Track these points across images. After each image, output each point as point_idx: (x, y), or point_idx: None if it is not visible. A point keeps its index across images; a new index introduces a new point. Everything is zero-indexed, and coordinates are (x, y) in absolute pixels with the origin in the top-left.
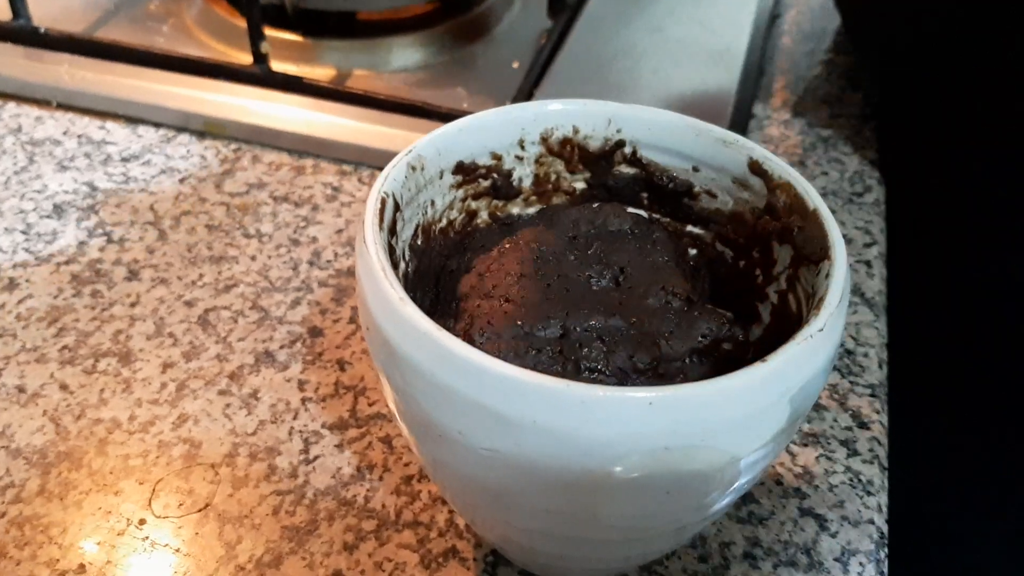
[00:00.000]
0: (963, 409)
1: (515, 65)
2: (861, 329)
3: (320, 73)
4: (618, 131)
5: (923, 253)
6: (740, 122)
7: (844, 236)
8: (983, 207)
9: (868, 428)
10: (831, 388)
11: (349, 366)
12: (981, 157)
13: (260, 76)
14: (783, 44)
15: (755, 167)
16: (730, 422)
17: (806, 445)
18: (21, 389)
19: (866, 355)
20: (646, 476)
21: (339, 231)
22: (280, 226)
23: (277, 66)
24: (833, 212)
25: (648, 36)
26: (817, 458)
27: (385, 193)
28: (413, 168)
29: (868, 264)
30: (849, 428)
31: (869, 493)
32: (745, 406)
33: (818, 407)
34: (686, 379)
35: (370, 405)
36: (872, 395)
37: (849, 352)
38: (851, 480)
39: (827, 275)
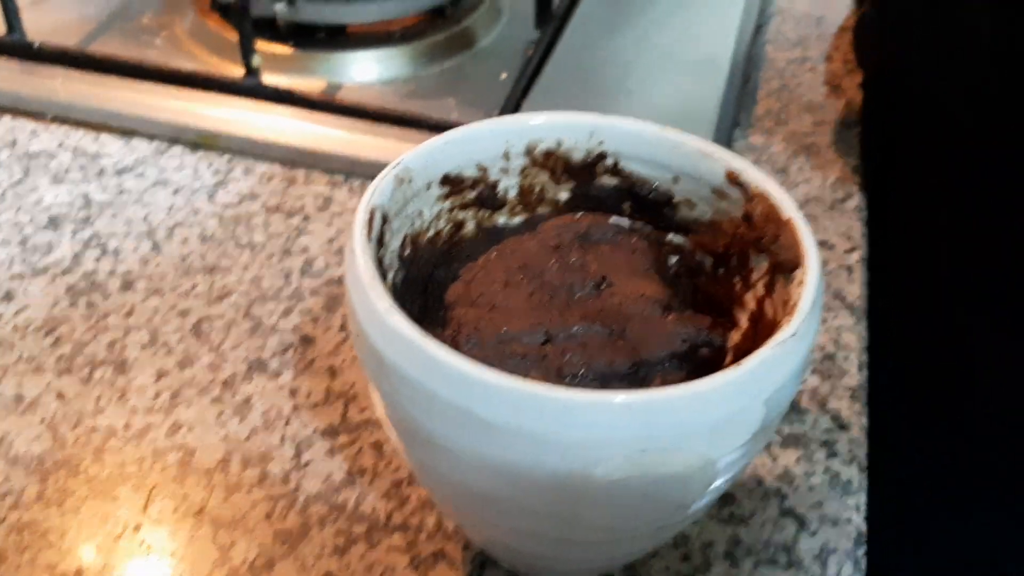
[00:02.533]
0: (941, 411)
1: (503, 76)
2: (842, 333)
3: (311, 85)
4: (600, 143)
5: (903, 258)
6: (724, 129)
7: (826, 241)
8: (964, 212)
9: (848, 430)
10: (812, 391)
11: (340, 373)
12: (963, 163)
13: (252, 89)
14: (767, 52)
15: (733, 178)
16: (705, 425)
17: (787, 447)
18: (19, 398)
19: (846, 358)
20: (625, 478)
21: (330, 240)
22: (272, 236)
23: (269, 78)
24: (815, 218)
25: (634, 46)
26: (798, 459)
27: (373, 206)
28: (401, 181)
29: (849, 269)
30: (829, 430)
31: (848, 493)
32: (720, 409)
33: (799, 410)
34: (665, 383)
35: (360, 411)
36: (852, 397)
37: (829, 356)
38: (831, 480)
39: (800, 282)
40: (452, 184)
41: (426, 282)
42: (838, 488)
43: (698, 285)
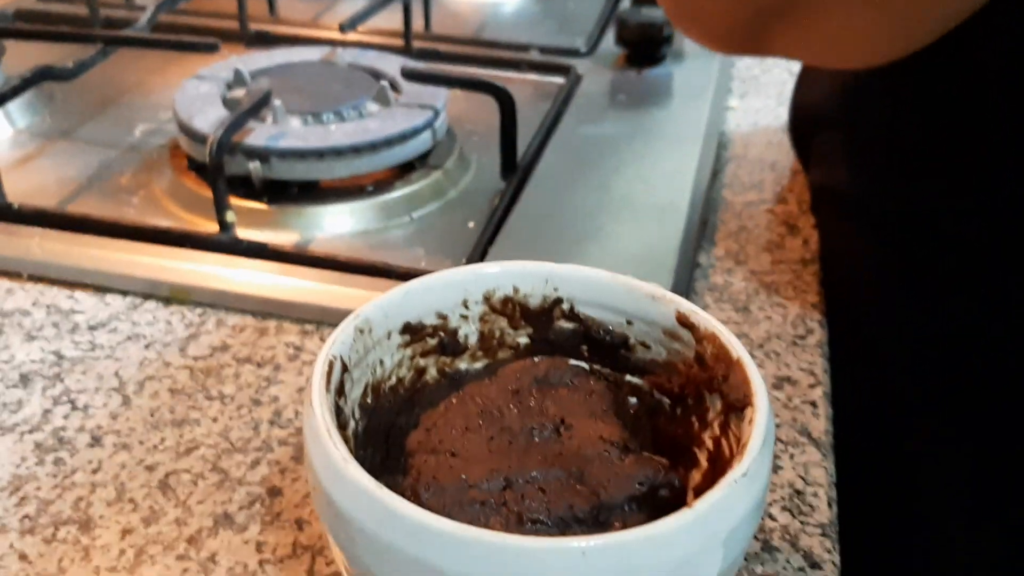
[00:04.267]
0: (914, 546)
1: (471, 225)
2: (809, 468)
3: (284, 238)
4: (555, 289)
5: (867, 391)
6: (685, 272)
7: (788, 377)
8: (924, 343)
9: (820, 568)
10: (782, 529)
11: (307, 525)
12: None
13: (226, 244)
14: (724, 196)
15: (683, 320)
16: (664, 568)
17: None
18: None
19: (815, 495)
20: None
21: (300, 389)
22: (242, 387)
23: (243, 233)
24: (778, 355)
25: (595, 194)
26: None
27: (333, 356)
28: (361, 331)
29: (813, 404)
30: (802, 569)
31: None
32: (676, 551)
33: (770, 548)
34: (625, 527)
35: (328, 564)
36: (823, 535)
37: (798, 492)
38: None
39: (750, 421)
40: (413, 332)
41: (388, 430)
42: None
43: (657, 425)
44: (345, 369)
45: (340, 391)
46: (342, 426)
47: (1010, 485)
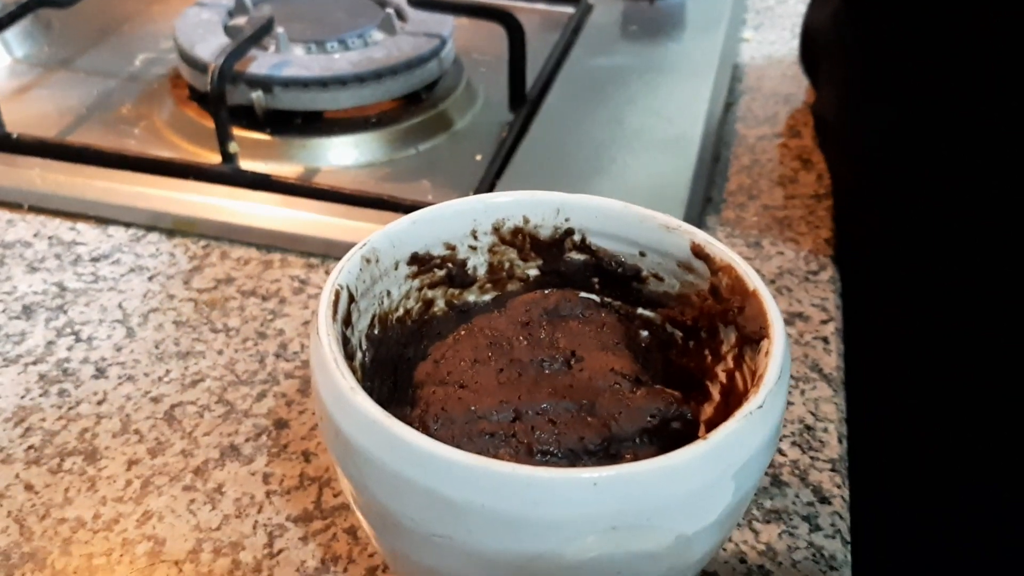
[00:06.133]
0: (923, 481)
1: (478, 158)
2: (820, 404)
3: (288, 170)
4: (567, 220)
5: (878, 328)
6: (696, 205)
7: (801, 313)
8: (936, 283)
9: (830, 503)
10: (792, 464)
11: (314, 457)
12: (933, 233)
13: (229, 175)
14: (737, 130)
15: (697, 251)
16: (675, 500)
17: (768, 522)
18: None
19: (825, 430)
20: (596, 557)
21: (306, 323)
22: (247, 320)
23: (246, 164)
24: (790, 290)
25: (606, 127)
26: (780, 534)
27: (339, 285)
28: (368, 260)
29: (825, 340)
30: (811, 503)
31: (832, 568)
32: (688, 484)
33: (779, 483)
34: (636, 459)
35: (335, 496)
36: (833, 470)
37: (808, 428)
38: (814, 556)
39: (767, 353)
40: (420, 263)
41: (396, 362)
42: (822, 563)
43: (670, 359)
44: (352, 299)
45: (347, 321)
46: (349, 356)
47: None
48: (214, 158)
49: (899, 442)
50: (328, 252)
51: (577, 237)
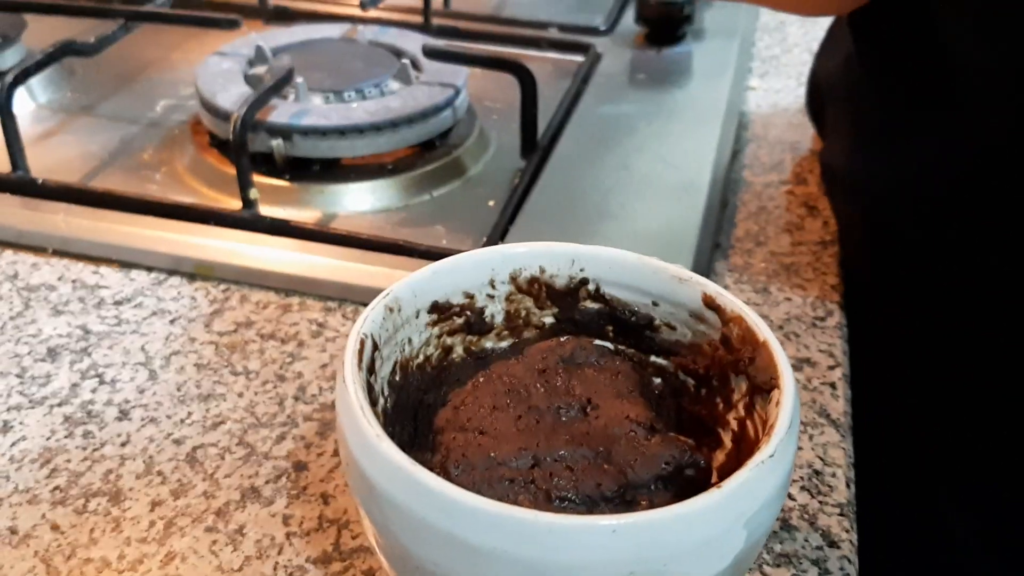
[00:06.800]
0: (930, 527)
1: (491, 204)
2: (828, 450)
3: (306, 216)
4: (581, 270)
5: (885, 373)
6: (704, 251)
7: (808, 359)
8: (943, 329)
9: (838, 547)
10: (801, 508)
11: (333, 499)
12: (939, 279)
13: (249, 220)
14: (744, 177)
15: (709, 301)
16: (690, 547)
17: (778, 566)
18: (13, 531)
19: (834, 475)
20: None
21: (324, 366)
22: (267, 363)
23: (265, 210)
24: (797, 336)
25: (615, 173)
26: None
27: (364, 334)
28: (391, 310)
29: (832, 386)
30: (820, 548)
31: None
32: (702, 531)
33: (789, 527)
34: (652, 506)
35: (353, 538)
36: (841, 514)
37: (817, 472)
38: None
39: (777, 403)
40: (440, 311)
41: (416, 407)
42: None
43: (682, 406)
44: (375, 347)
45: (371, 369)
46: (372, 403)
47: None
48: (234, 204)
49: (906, 487)
50: (346, 296)
51: (592, 287)
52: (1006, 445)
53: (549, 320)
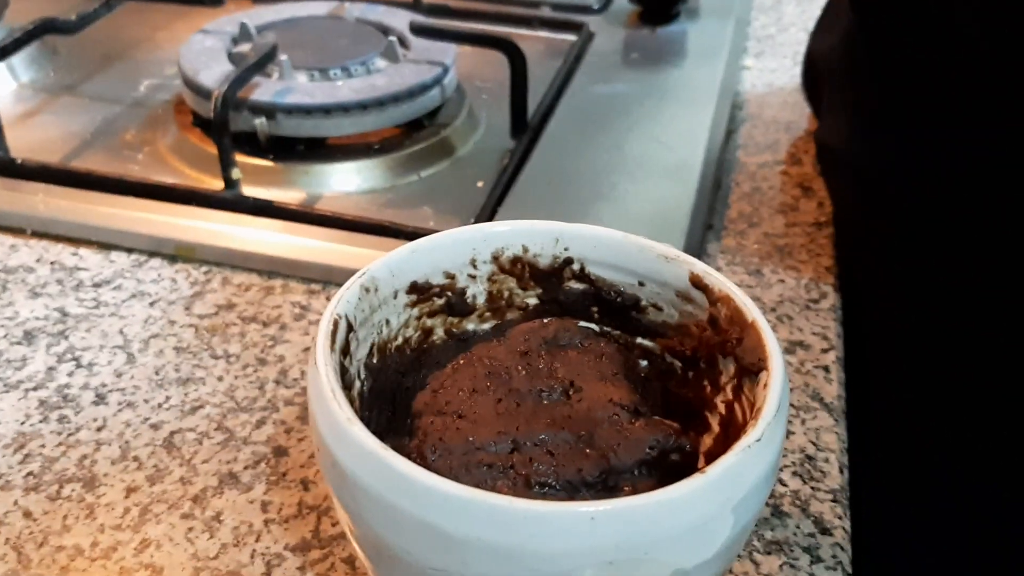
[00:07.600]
0: (925, 512)
1: (480, 184)
2: (821, 434)
3: (290, 196)
4: (565, 249)
5: (879, 357)
6: (697, 232)
7: (801, 342)
8: (939, 311)
9: (831, 534)
10: (793, 494)
11: (313, 485)
12: (937, 260)
13: (231, 201)
14: (738, 157)
15: (696, 281)
16: (673, 534)
17: (769, 553)
18: None
19: (826, 460)
20: None
21: (306, 349)
22: (248, 346)
23: (248, 190)
24: (790, 319)
25: (607, 154)
26: (781, 566)
27: (338, 315)
28: (367, 289)
29: (826, 369)
30: (812, 535)
31: None
32: (687, 518)
33: (780, 514)
34: (634, 491)
35: (333, 525)
36: (834, 500)
37: (809, 458)
38: None
39: (765, 385)
40: (420, 292)
41: (394, 391)
42: None
43: (669, 389)
44: (350, 328)
45: (345, 351)
46: (347, 386)
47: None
48: (217, 184)
49: (900, 471)
50: (330, 278)
51: (576, 266)
52: (1003, 431)
53: (533, 301)
